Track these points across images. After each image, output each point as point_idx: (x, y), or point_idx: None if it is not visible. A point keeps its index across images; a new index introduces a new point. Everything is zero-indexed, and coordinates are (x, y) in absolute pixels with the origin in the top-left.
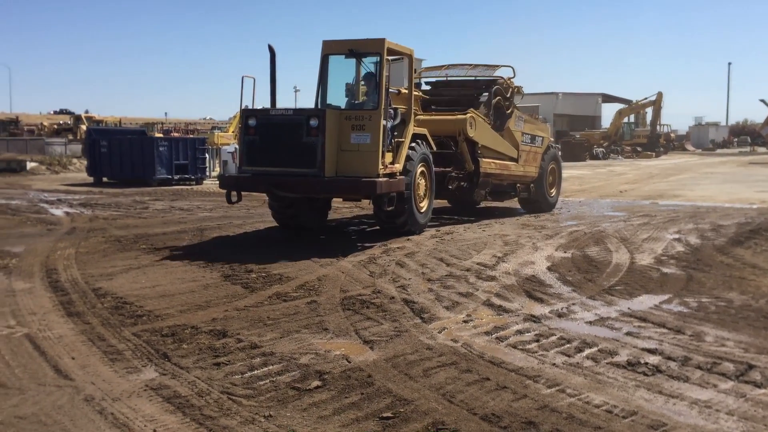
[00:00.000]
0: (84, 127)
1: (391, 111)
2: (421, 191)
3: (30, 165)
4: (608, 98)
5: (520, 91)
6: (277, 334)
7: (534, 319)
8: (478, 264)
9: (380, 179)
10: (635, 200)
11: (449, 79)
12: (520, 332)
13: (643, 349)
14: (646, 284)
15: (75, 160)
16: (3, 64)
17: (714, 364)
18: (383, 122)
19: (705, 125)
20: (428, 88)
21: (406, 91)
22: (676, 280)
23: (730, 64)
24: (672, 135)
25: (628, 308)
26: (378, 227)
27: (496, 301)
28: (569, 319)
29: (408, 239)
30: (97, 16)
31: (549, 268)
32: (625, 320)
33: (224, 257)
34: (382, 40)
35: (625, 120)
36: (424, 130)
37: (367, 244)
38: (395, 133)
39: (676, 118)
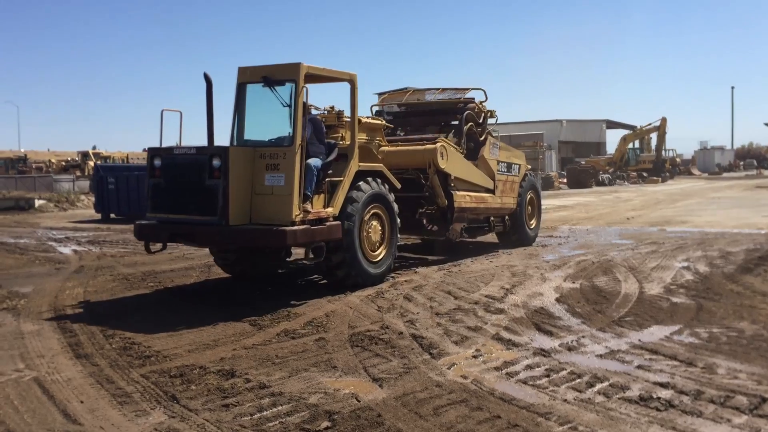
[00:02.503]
0: (92, 164)
1: (323, 146)
2: (375, 237)
3: (38, 203)
4: (612, 124)
5: (493, 115)
6: (286, 373)
7: (544, 353)
8: (486, 296)
9: (292, 228)
10: (642, 227)
11: (417, 103)
12: (530, 367)
13: (655, 383)
14: (656, 315)
15: (83, 197)
16: (11, 102)
17: (727, 397)
18: (301, 161)
19: (710, 149)
20: (394, 114)
21: (370, 120)
22: (686, 310)
23: (733, 87)
24: (677, 159)
25: (639, 340)
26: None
27: (505, 334)
28: (579, 352)
29: (415, 271)
30: (103, 51)
31: (558, 300)
32: (635, 353)
33: (232, 294)
34: (297, 65)
35: (630, 145)
36: (379, 166)
37: (308, 301)
38: (330, 171)
39: (680, 143)
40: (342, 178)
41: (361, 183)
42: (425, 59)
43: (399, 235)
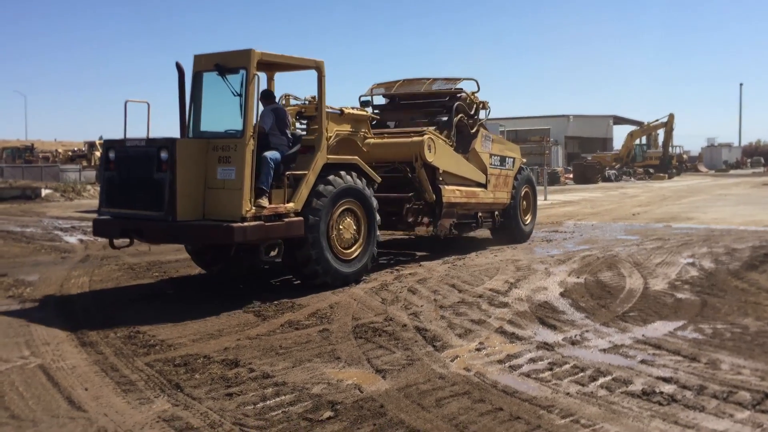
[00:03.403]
0: (98, 154)
1: (285, 138)
2: (347, 234)
3: (44, 192)
4: (619, 120)
5: (485, 107)
6: (289, 364)
7: (547, 346)
8: (490, 290)
9: (242, 224)
10: (648, 223)
11: (404, 94)
12: (533, 360)
13: (658, 378)
14: (660, 310)
15: (89, 187)
16: (18, 92)
17: (730, 393)
18: (257, 153)
19: (718, 146)
20: (383, 102)
21: (354, 111)
22: (690, 305)
23: (741, 84)
24: (684, 156)
25: (643, 335)
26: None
27: (509, 328)
28: (583, 346)
29: (420, 264)
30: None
31: (562, 294)
32: (639, 347)
33: (236, 285)
34: (248, 52)
35: (637, 142)
36: (354, 159)
37: (312, 293)
38: (293, 165)
39: (688, 139)
40: (306, 172)
41: (330, 177)
42: (430, 53)
43: (387, 231)
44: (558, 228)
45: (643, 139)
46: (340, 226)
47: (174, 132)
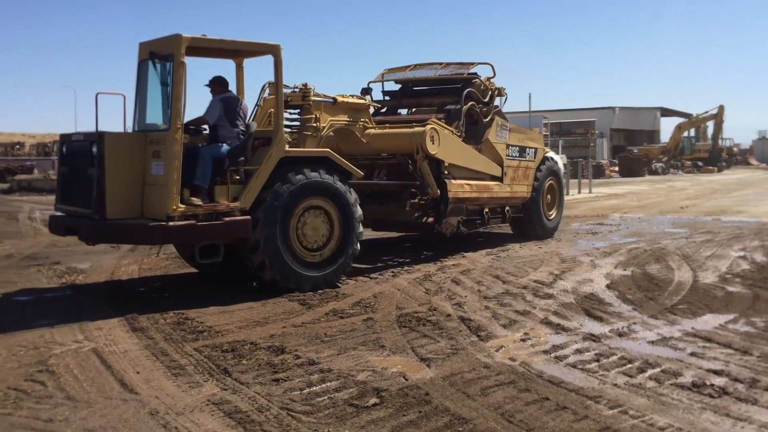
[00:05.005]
0: None
1: (236, 130)
2: (314, 235)
3: None
4: (667, 112)
5: (501, 93)
6: (334, 351)
7: (593, 338)
8: (534, 281)
9: (167, 224)
10: (697, 216)
11: (408, 80)
12: (579, 351)
13: (709, 371)
14: (710, 303)
15: None
16: (68, 87)
17: None
18: (180, 145)
19: None
20: (388, 93)
21: (350, 100)
22: (741, 299)
23: None
24: (734, 149)
25: (692, 328)
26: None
27: (554, 319)
28: (630, 338)
29: (463, 255)
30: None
31: (608, 286)
32: (688, 340)
33: None
34: (176, 37)
35: (685, 134)
36: (325, 152)
37: (356, 283)
38: (242, 159)
39: (738, 132)
40: (258, 167)
41: (290, 173)
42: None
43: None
44: (603, 221)
45: (692, 132)
46: (306, 227)
47: None
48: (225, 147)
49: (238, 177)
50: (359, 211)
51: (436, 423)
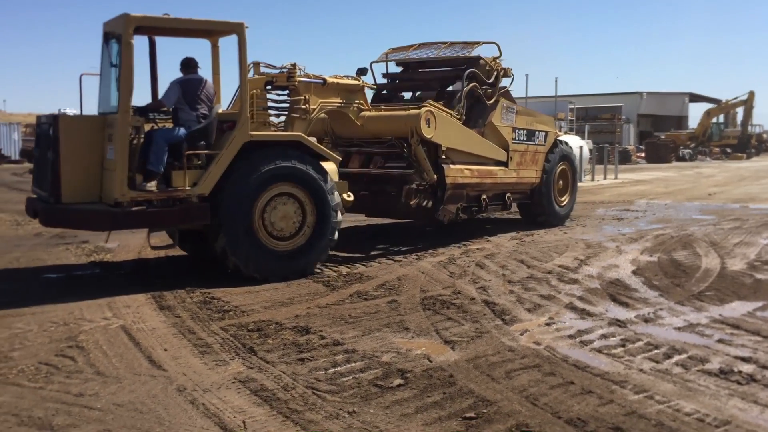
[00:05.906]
0: None
1: (196, 114)
2: (284, 223)
3: None
4: (696, 98)
5: (508, 74)
6: (359, 332)
7: (619, 323)
8: (559, 266)
9: (116, 209)
10: (725, 203)
11: (408, 60)
12: (604, 336)
13: (737, 357)
14: (738, 290)
15: None
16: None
17: None
18: (128, 129)
19: None
20: (386, 74)
21: (341, 81)
22: None
23: None
24: (764, 136)
25: (720, 315)
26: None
27: (579, 304)
28: (656, 324)
29: (487, 240)
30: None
31: (634, 272)
32: (716, 327)
33: None
34: (123, 16)
35: (714, 120)
36: (297, 136)
37: (380, 265)
38: (201, 143)
39: None
40: (219, 152)
41: (255, 158)
42: (490, 28)
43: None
44: (629, 207)
45: (721, 118)
46: (274, 214)
47: None
48: (182, 131)
49: (199, 162)
50: (336, 198)
51: (460, 404)
